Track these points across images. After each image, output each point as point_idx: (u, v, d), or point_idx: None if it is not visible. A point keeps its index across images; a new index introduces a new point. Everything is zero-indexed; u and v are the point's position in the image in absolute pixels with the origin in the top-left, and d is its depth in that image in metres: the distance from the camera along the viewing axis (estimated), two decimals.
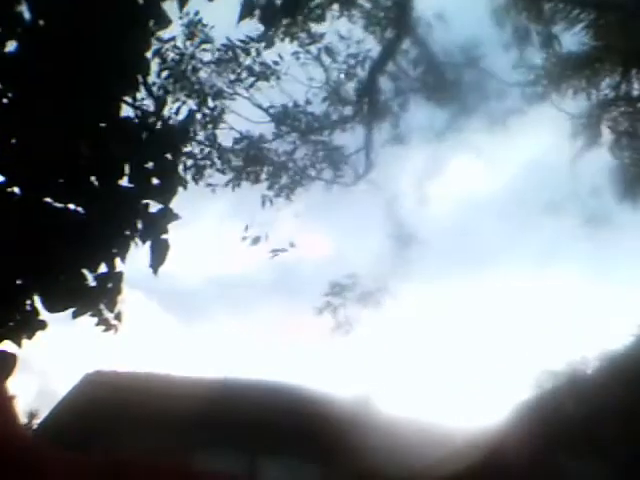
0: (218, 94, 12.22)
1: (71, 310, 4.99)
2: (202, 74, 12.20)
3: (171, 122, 5.04)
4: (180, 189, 4.94)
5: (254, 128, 12.70)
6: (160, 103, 4.99)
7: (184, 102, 12.01)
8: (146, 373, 14.79)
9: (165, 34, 11.42)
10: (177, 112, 11.30)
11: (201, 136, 12.14)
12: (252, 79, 12.23)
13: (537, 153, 13.56)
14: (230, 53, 12.00)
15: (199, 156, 12.18)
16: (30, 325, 4.88)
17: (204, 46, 11.98)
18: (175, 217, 5.01)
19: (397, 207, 13.62)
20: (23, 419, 18.05)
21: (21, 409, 18.60)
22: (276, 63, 12.27)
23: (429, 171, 13.65)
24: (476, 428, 10.78)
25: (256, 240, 12.67)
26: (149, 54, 4.97)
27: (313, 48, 12.34)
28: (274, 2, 5.35)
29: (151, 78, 11.90)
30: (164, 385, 14.52)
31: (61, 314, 4.92)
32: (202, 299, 25.11)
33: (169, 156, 4.90)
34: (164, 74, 11.86)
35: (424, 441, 11.98)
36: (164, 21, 5.09)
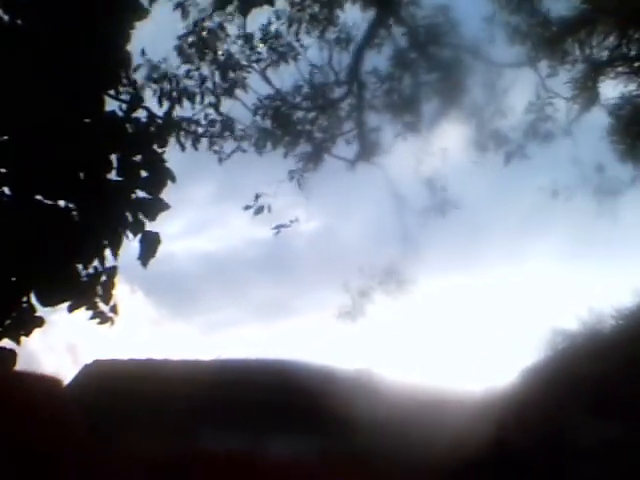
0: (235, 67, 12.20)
1: (66, 304, 5.05)
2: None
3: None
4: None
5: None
6: (135, 98, 4.95)
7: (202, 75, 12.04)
8: (145, 360, 14.84)
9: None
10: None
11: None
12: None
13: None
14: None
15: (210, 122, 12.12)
16: (27, 322, 4.92)
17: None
18: (165, 207, 5.03)
19: (397, 185, 13.58)
20: None
21: None
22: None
23: (423, 149, 13.57)
24: (490, 390, 10.75)
25: (259, 210, 12.65)
26: (129, 47, 4.96)
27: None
28: None
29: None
30: (164, 370, 14.57)
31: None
32: (193, 280, 24.93)
33: (156, 148, 4.92)
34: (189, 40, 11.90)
35: (433, 406, 12.00)
36: (141, 12, 5.10)
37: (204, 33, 12.00)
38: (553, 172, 13.50)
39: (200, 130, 11.96)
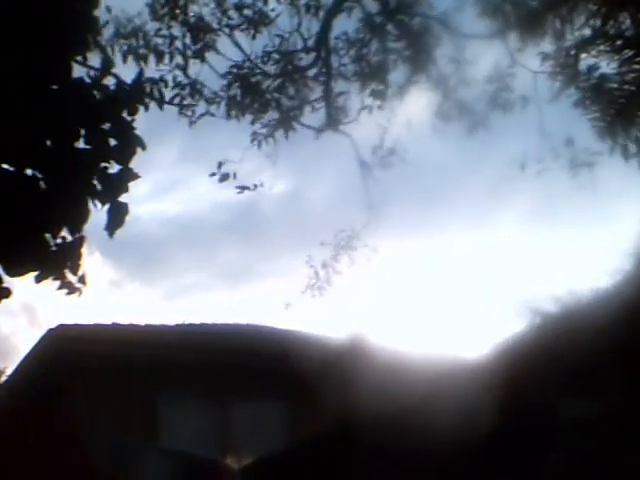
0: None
1: (32, 274, 4.98)
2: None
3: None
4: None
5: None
6: (106, 63, 4.86)
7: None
8: (110, 324, 14.75)
9: None
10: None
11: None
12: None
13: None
14: None
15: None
16: None
17: None
18: (135, 176, 4.97)
19: (363, 153, 13.49)
20: None
21: None
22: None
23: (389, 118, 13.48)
24: (464, 360, 10.64)
25: (224, 177, 12.54)
26: (98, 12, 4.86)
27: None
28: None
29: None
30: (129, 335, 14.50)
31: None
32: (157, 243, 24.61)
33: (125, 116, 4.84)
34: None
35: (409, 374, 11.94)
36: None
37: None
38: (523, 143, 13.50)
39: (167, 90, 11.78)
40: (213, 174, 12.44)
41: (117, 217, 4.82)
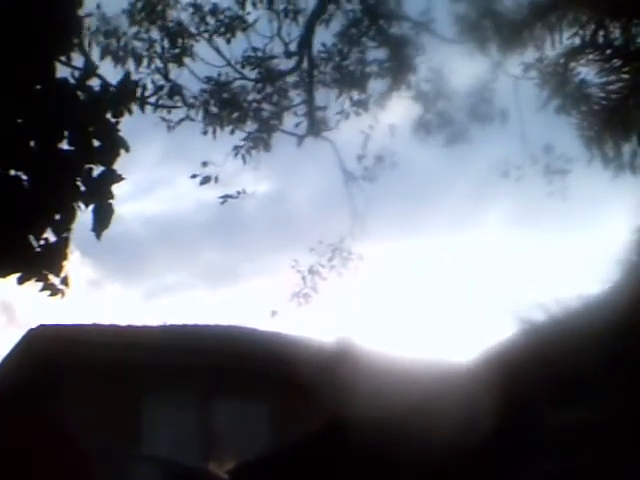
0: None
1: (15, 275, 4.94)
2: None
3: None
4: None
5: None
6: (89, 66, 4.84)
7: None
8: (92, 325, 14.67)
9: None
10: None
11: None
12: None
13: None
14: None
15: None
16: None
17: None
18: (119, 178, 4.94)
19: (345, 160, 13.44)
20: None
21: None
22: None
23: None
24: (453, 365, 10.61)
25: (206, 180, 12.45)
26: (81, 12, 4.83)
27: None
28: None
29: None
30: (110, 335, 14.44)
31: None
32: (138, 242, 24.41)
33: (110, 117, 4.81)
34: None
35: (397, 378, 11.89)
36: None
37: None
38: (510, 149, 13.50)
39: (147, 93, 11.72)
40: (194, 176, 12.37)
41: (103, 218, 4.79)
